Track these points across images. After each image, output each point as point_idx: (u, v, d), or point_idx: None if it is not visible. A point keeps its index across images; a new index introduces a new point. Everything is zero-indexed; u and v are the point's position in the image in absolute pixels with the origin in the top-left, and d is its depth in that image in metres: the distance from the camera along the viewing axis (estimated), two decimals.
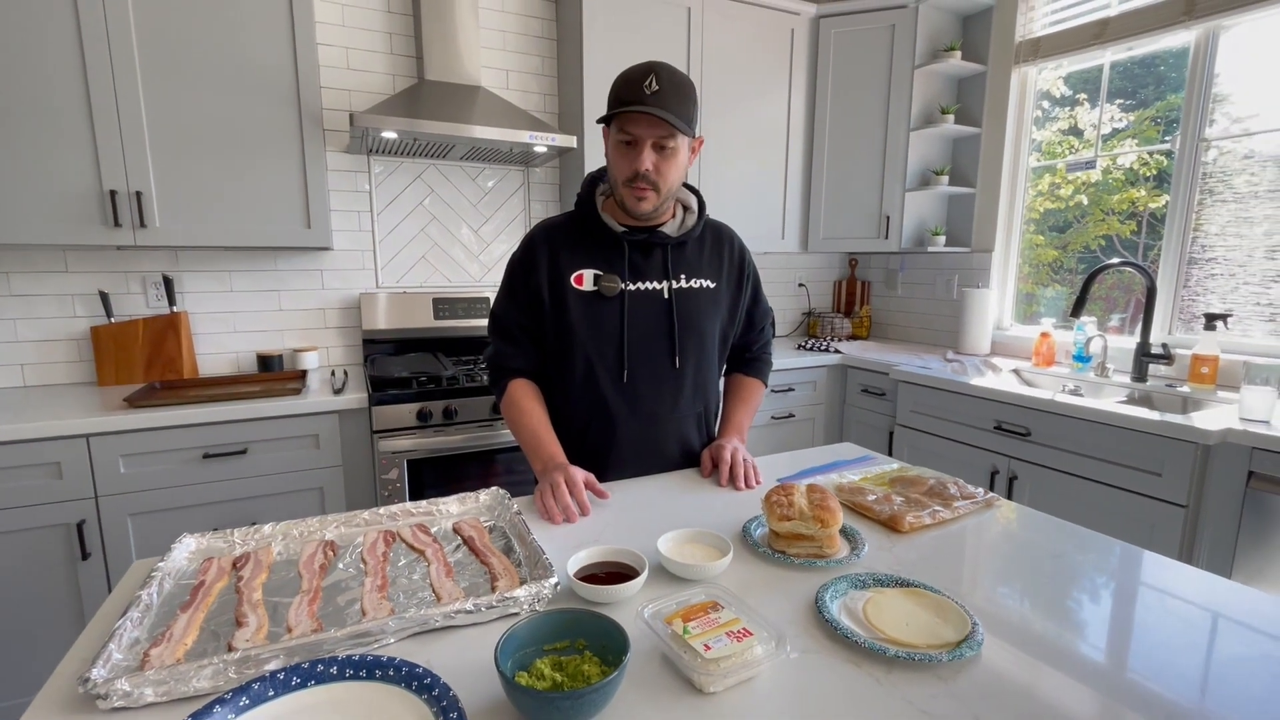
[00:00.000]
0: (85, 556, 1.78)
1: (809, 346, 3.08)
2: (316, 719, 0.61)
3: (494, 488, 1.13)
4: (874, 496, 1.15)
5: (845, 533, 1.01)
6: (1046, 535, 1.04)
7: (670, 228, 1.32)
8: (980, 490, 1.19)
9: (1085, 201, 2.69)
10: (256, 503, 1.97)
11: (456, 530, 1.02)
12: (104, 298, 2.20)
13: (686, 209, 1.36)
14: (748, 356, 1.52)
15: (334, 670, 0.65)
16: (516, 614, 0.80)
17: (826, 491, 0.99)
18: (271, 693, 0.63)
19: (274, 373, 2.39)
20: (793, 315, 3.60)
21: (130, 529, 1.84)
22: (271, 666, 0.67)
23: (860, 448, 1.52)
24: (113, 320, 2.23)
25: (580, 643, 0.69)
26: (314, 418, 2.02)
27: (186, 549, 0.93)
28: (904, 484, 1.23)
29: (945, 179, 2.96)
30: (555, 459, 1.21)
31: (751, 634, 0.69)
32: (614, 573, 0.86)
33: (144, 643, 0.72)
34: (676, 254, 1.32)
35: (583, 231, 1.31)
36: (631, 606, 0.77)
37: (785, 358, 2.83)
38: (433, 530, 1.03)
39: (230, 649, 0.71)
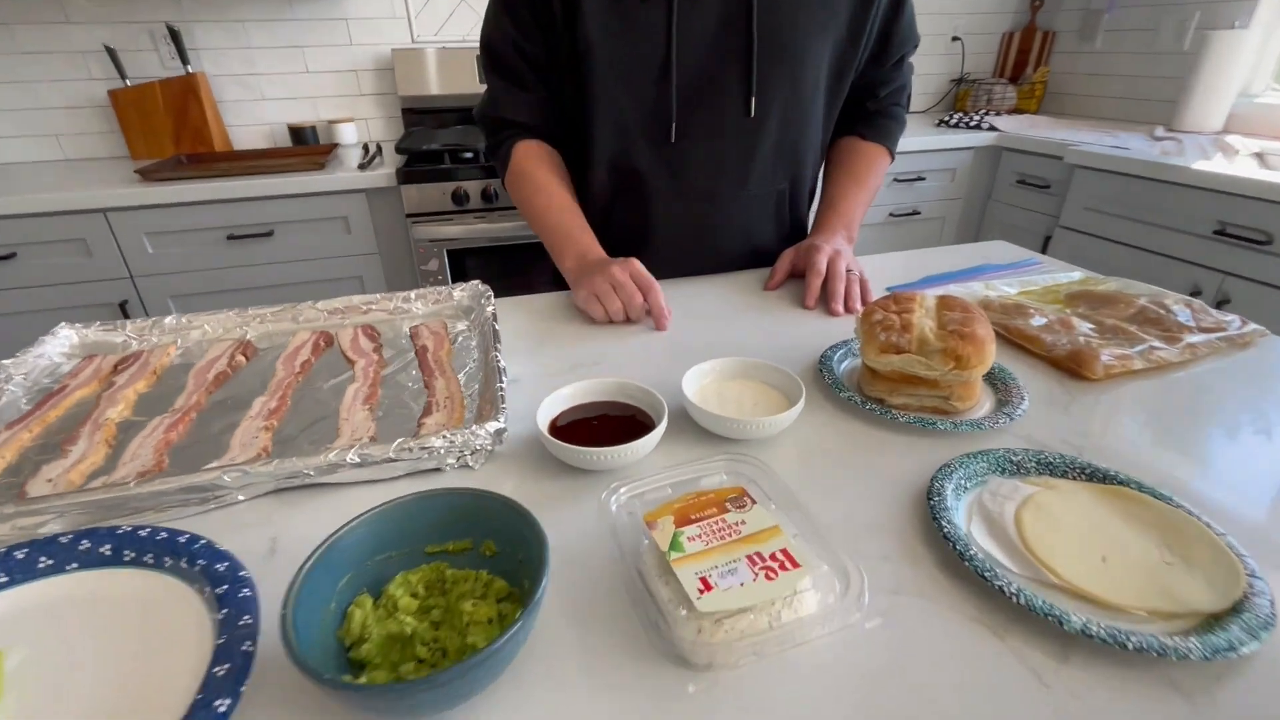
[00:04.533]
0: None
1: (953, 123, 2.36)
2: (49, 624, 0.38)
3: (474, 281, 0.81)
4: (1042, 320, 0.72)
5: (993, 377, 0.62)
6: None
7: None
8: (1233, 318, 0.72)
9: None
10: (293, 290, 1.83)
11: (413, 336, 0.74)
12: (112, 55, 1.94)
13: None
14: (871, 109, 1.00)
15: (104, 549, 0.41)
16: (437, 469, 0.52)
17: (970, 307, 0.59)
18: (3, 578, 0.40)
19: (305, 146, 2.12)
20: (936, 83, 2.77)
21: (174, 311, 1.78)
22: (44, 531, 0.45)
23: (1020, 248, 1.04)
24: (128, 82, 1.99)
25: (486, 544, 0.40)
26: (340, 196, 1.76)
27: (63, 344, 0.71)
28: (1093, 303, 0.78)
29: None
30: (593, 251, 0.85)
31: (798, 564, 0.37)
32: (613, 421, 0.55)
33: None
34: None
35: None
36: (610, 484, 0.46)
37: (918, 136, 2.18)
38: (382, 335, 0.75)
39: (22, 495, 0.49)
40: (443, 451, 0.50)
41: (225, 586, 0.38)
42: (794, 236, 1.02)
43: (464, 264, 1.89)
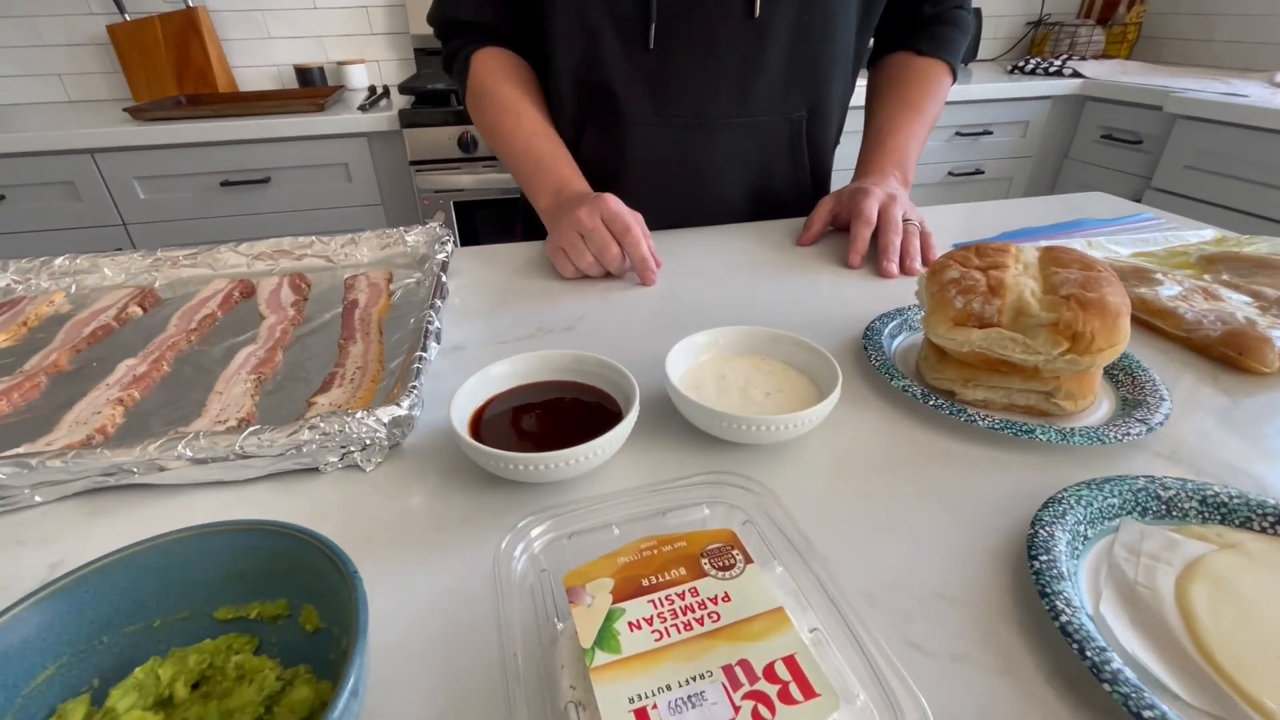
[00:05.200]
0: None
1: (1028, 69, 2.07)
2: None
3: (432, 224, 0.66)
4: (1175, 288, 0.53)
5: (1114, 366, 0.44)
6: None
7: None
8: None
9: None
10: None
11: (347, 287, 0.59)
12: None
13: None
14: (927, 13, 0.78)
15: None
16: (312, 469, 0.37)
17: (1095, 263, 0.41)
18: None
19: (309, 89, 1.98)
20: (1009, 26, 2.45)
21: None
22: None
23: (1126, 201, 0.83)
24: (127, 17, 1.87)
25: (308, 613, 0.25)
26: (339, 141, 1.63)
27: None
28: (1239, 268, 0.58)
29: None
30: (572, 184, 0.67)
31: (816, 691, 0.21)
32: (567, 409, 0.39)
33: None
34: None
35: None
36: (536, 504, 0.31)
37: (985, 84, 1.91)
38: (314, 286, 0.61)
39: None
40: (316, 446, 0.35)
41: None
42: (814, 185, 0.83)
43: (473, 218, 1.74)
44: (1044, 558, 0.29)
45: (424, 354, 0.43)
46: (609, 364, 0.39)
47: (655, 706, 0.21)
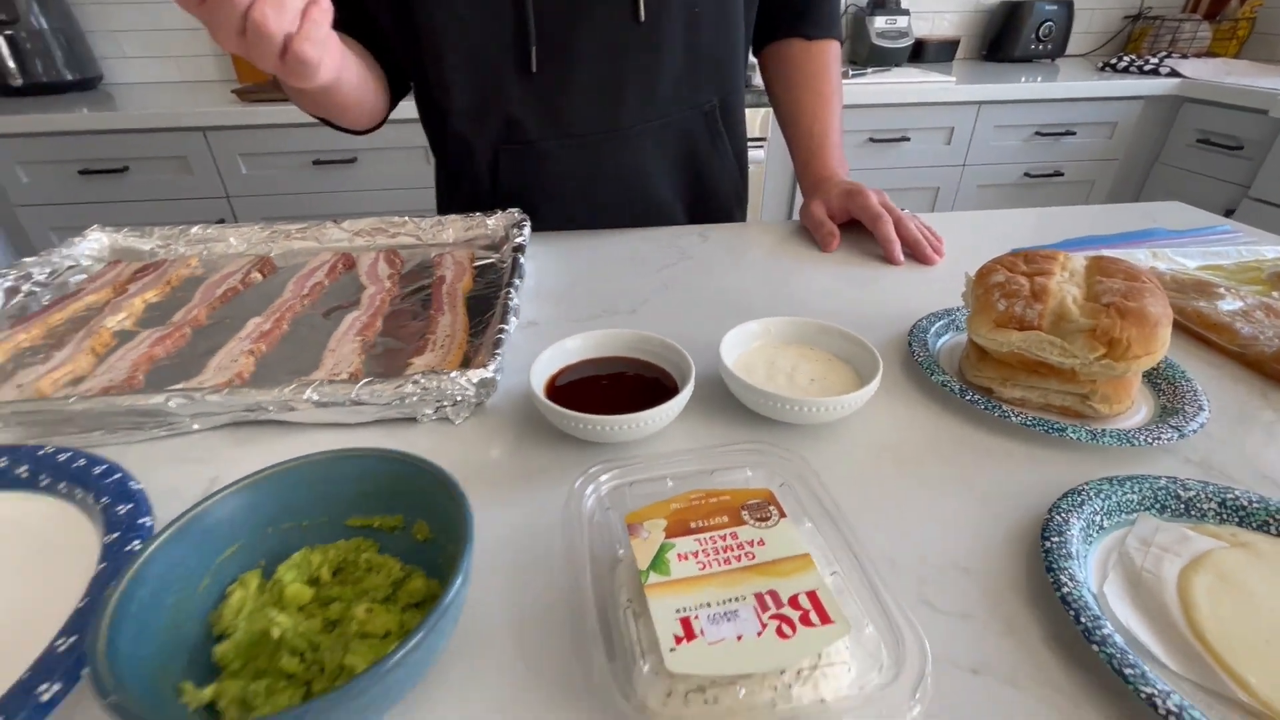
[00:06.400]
0: None
1: (1121, 66, 1.97)
2: None
3: (514, 209, 0.72)
4: (1236, 304, 0.53)
5: (1157, 374, 0.46)
6: None
7: None
8: None
9: None
10: None
11: (434, 265, 0.66)
12: None
13: None
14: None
15: (22, 471, 0.36)
16: (411, 419, 0.44)
17: (1140, 273, 0.42)
18: None
19: None
20: (1104, 20, 2.32)
21: None
22: None
23: (1204, 212, 0.81)
24: None
25: (420, 526, 0.31)
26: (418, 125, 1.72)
27: (93, 245, 0.69)
28: None
29: None
30: None
31: (830, 618, 0.25)
32: (630, 383, 0.44)
33: None
34: None
35: None
36: (589, 467, 0.36)
37: (1071, 82, 1.83)
38: (406, 262, 0.68)
39: None
40: (416, 399, 0.42)
41: (116, 535, 0.31)
42: (737, 163, 0.83)
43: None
44: (1055, 539, 0.32)
45: (505, 327, 0.48)
46: (669, 344, 0.44)
47: (697, 617, 0.25)
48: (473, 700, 0.27)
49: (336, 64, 0.51)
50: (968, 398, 0.42)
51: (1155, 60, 1.95)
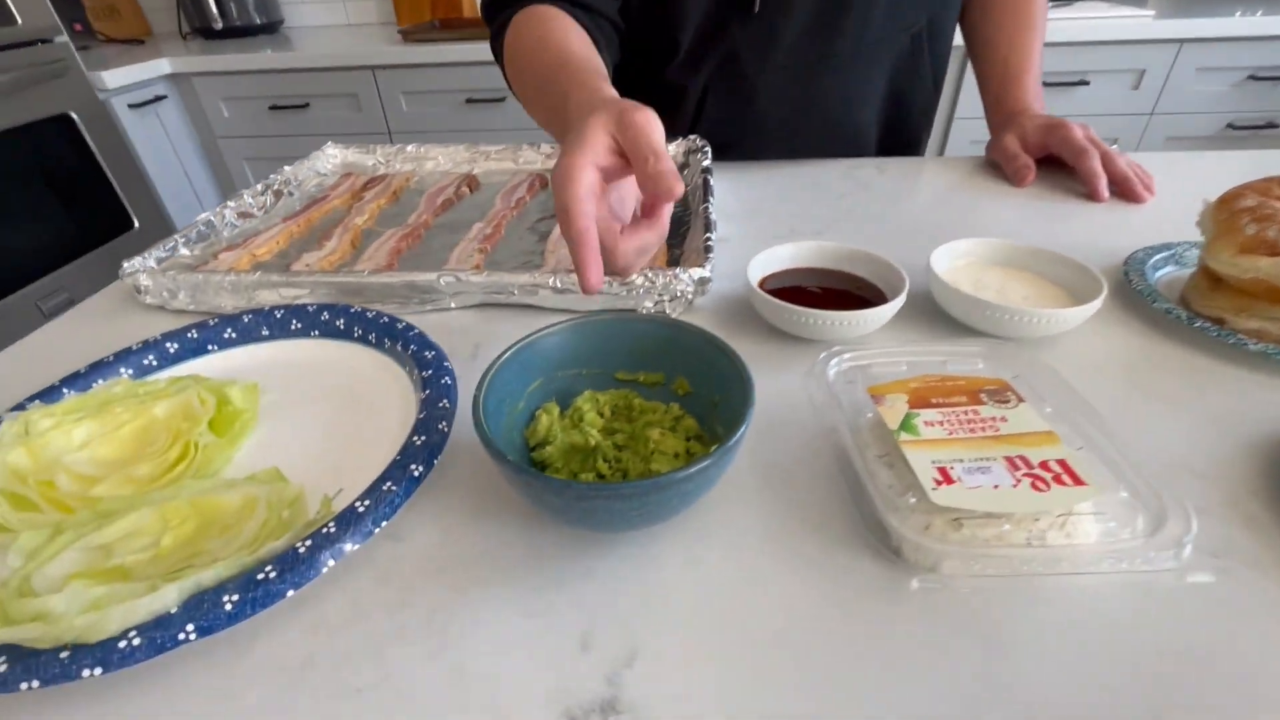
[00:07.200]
0: None
1: None
2: (294, 376, 0.43)
3: (693, 135, 0.75)
4: None
5: None
6: None
7: None
8: None
9: None
10: None
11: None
12: None
13: None
14: None
15: (339, 323, 0.45)
16: (632, 310, 0.49)
17: None
18: (265, 331, 0.45)
19: None
20: None
21: None
22: (299, 301, 0.50)
23: None
24: None
25: (680, 382, 0.35)
26: None
27: (330, 160, 0.80)
28: None
29: None
30: (599, 96, 0.41)
31: (1083, 481, 0.27)
32: (837, 295, 0.47)
33: (223, 244, 0.61)
34: None
35: None
36: (828, 349, 0.39)
37: None
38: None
39: (289, 270, 0.56)
40: (641, 291, 0.47)
41: (430, 371, 0.39)
42: (935, 90, 0.81)
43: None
44: None
45: (710, 235, 0.52)
46: (880, 258, 0.46)
47: (952, 468, 0.28)
48: (753, 519, 0.31)
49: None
50: (1197, 325, 0.41)
51: None
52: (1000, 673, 0.25)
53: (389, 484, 0.31)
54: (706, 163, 0.67)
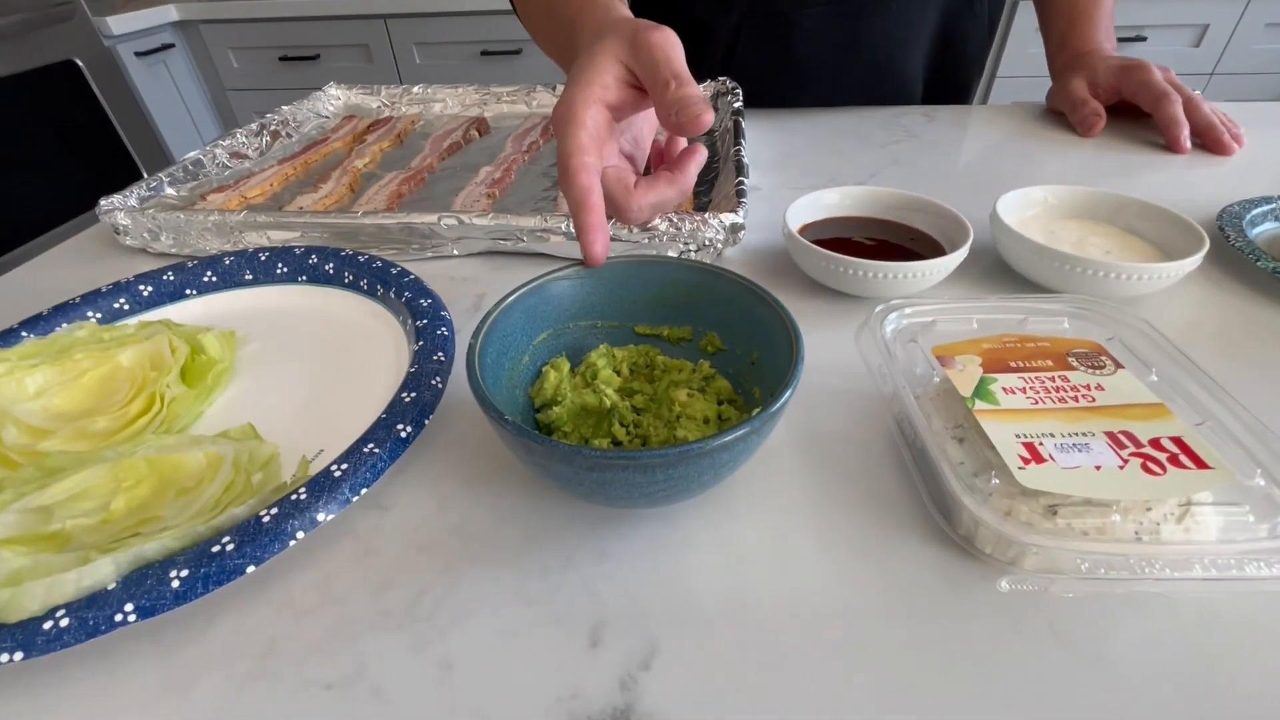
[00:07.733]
0: None
1: None
2: (277, 325, 0.38)
3: (723, 78, 0.68)
4: None
5: None
6: None
7: None
8: None
9: None
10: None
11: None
12: None
13: None
14: None
15: (328, 268, 0.40)
16: (650, 256, 0.44)
17: None
18: (249, 275, 0.41)
19: None
20: None
21: None
22: (272, 241, 0.45)
23: None
24: None
25: (710, 338, 0.31)
26: None
27: (333, 101, 0.74)
28: None
29: None
30: (611, 16, 0.36)
31: (1206, 464, 0.22)
32: (890, 248, 0.41)
33: (213, 185, 0.57)
34: None
35: None
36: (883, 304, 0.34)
37: None
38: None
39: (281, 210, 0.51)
40: (666, 237, 0.41)
41: (425, 321, 0.34)
42: (989, 32, 0.73)
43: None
44: None
45: (744, 180, 0.46)
46: (939, 205, 0.40)
47: (1042, 444, 0.23)
48: (776, 503, 0.27)
49: None
50: None
51: None
52: (1109, 702, 0.20)
53: (371, 445, 0.27)
54: (738, 104, 0.61)
